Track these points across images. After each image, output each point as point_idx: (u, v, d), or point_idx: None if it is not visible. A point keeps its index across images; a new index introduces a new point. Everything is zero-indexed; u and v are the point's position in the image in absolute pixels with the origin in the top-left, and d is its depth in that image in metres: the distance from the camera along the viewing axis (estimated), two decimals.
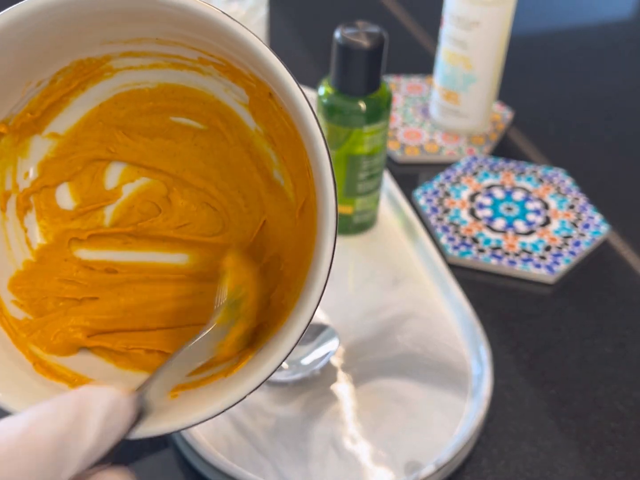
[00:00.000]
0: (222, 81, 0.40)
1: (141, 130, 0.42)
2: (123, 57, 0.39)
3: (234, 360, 0.38)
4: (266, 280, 0.40)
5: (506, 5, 0.63)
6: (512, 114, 0.75)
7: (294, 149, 0.39)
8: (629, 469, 0.47)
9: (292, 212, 0.40)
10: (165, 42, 0.38)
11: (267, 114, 0.39)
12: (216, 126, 0.41)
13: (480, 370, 0.50)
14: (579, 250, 0.60)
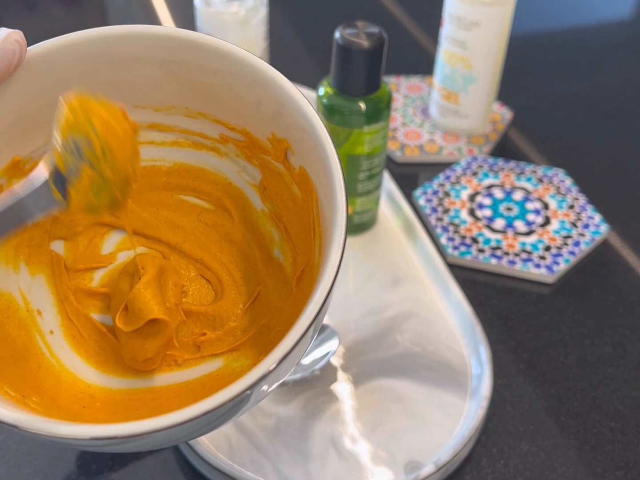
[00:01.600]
0: (237, 163, 0.41)
1: (149, 202, 0.42)
2: (149, 129, 0.40)
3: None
4: (252, 352, 0.40)
5: (506, 6, 0.63)
6: (511, 114, 0.75)
7: (300, 217, 0.39)
8: (629, 468, 0.47)
9: (288, 284, 0.40)
10: (192, 113, 0.38)
11: (276, 188, 0.40)
12: (224, 206, 0.42)
13: (480, 369, 0.50)
14: (579, 250, 0.60)
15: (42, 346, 0.39)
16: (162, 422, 0.28)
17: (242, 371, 0.39)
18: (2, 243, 0.37)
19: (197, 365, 0.40)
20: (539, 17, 0.93)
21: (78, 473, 0.46)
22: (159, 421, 0.28)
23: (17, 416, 0.29)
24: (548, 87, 0.81)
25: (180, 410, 0.28)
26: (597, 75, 0.83)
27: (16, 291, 0.39)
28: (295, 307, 0.39)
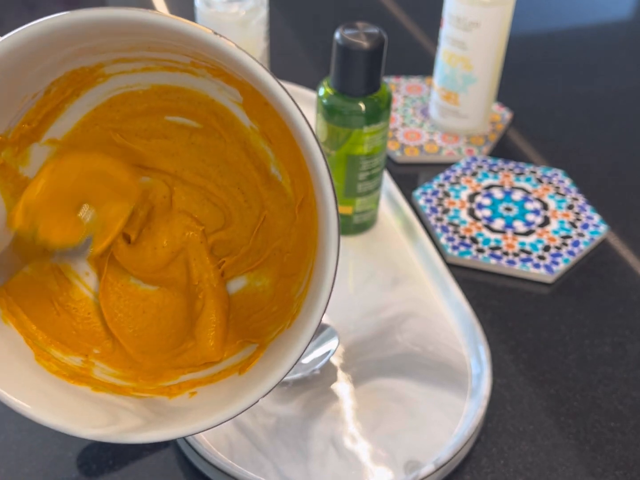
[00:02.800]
0: (215, 82, 0.40)
1: (138, 132, 0.42)
2: (115, 63, 0.39)
3: (246, 352, 0.39)
4: (270, 271, 0.42)
5: (505, 6, 0.63)
6: (511, 115, 0.75)
7: (290, 149, 0.39)
8: (628, 468, 0.47)
9: (292, 208, 0.41)
10: (156, 49, 0.38)
11: (262, 114, 0.40)
12: (212, 125, 0.41)
13: (480, 369, 0.50)
14: (578, 250, 0.60)
15: (84, 290, 0.42)
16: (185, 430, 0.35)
17: (264, 290, 0.42)
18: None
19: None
20: (539, 17, 0.93)
21: (78, 473, 0.46)
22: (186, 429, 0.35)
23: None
24: (548, 87, 0.81)
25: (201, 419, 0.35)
26: (597, 76, 0.83)
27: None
28: (301, 234, 0.40)
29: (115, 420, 0.36)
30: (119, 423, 0.36)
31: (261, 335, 0.40)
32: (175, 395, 0.39)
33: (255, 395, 0.35)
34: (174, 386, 0.40)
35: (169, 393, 0.39)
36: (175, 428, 0.35)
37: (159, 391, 0.39)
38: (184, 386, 0.40)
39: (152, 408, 0.38)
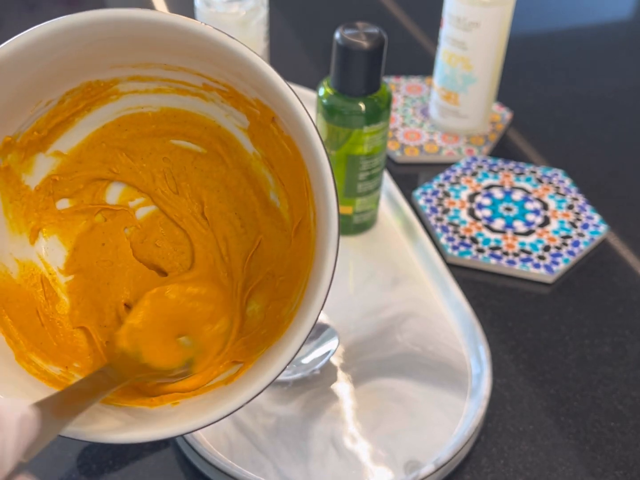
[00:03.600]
0: (223, 107, 0.41)
1: (143, 155, 0.42)
2: (130, 80, 0.40)
3: (233, 370, 0.39)
4: (261, 295, 0.42)
5: (505, 6, 0.63)
6: (511, 115, 0.75)
7: (292, 171, 0.40)
8: (628, 468, 0.47)
9: (288, 232, 0.41)
10: (172, 68, 0.39)
11: (266, 138, 0.40)
12: (216, 150, 0.42)
13: (480, 369, 0.50)
14: (578, 250, 0.60)
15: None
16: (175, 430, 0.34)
17: (253, 316, 0.42)
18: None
19: None
20: (539, 17, 0.93)
21: (78, 473, 0.46)
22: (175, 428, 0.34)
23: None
24: (547, 87, 0.81)
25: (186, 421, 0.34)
26: (596, 76, 0.83)
27: (36, 258, 0.41)
28: (295, 257, 0.40)
29: (93, 421, 0.35)
30: (96, 423, 0.35)
31: (249, 355, 0.40)
32: (156, 406, 0.39)
33: (242, 399, 0.34)
34: (156, 399, 0.39)
35: (150, 404, 0.39)
36: (156, 430, 0.35)
37: (139, 403, 0.39)
38: (166, 399, 0.39)
39: (132, 413, 0.38)
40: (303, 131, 0.34)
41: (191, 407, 0.37)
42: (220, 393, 0.37)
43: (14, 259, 0.40)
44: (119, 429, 0.35)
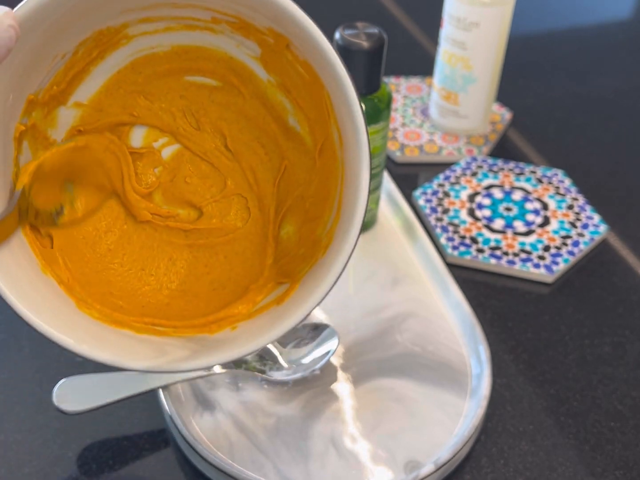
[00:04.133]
0: (234, 38, 0.41)
1: (160, 95, 0.43)
2: (139, 23, 0.40)
3: (280, 290, 0.41)
4: (293, 218, 0.43)
5: (505, 6, 0.63)
6: (511, 115, 0.75)
7: (311, 94, 0.40)
8: (628, 468, 0.47)
9: (311, 155, 0.42)
10: (180, 5, 0.39)
11: (280, 64, 0.41)
12: (231, 82, 0.43)
13: (480, 369, 0.50)
14: (578, 250, 0.60)
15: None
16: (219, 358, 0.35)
17: (289, 237, 0.43)
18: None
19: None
20: (539, 17, 0.93)
21: (78, 473, 0.46)
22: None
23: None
24: (547, 87, 0.81)
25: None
26: (596, 76, 0.83)
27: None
28: (322, 178, 0.41)
29: (163, 353, 0.37)
30: (166, 355, 0.37)
31: (292, 274, 0.41)
32: (216, 332, 0.40)
33: (299, 316, 0.35)
34: (214, 325, 0.40)
35: (210, 330, 0.40)
36: (223, 353, 0.36)
37: (199, 331, 0.40)
38: (224, 324, 0.40)
39: (196, 342, 0.39)
40: (322, 55, 0.35)
41: (250, 328, 0.39)
42: (275, 312, 0.39)
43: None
44: (189, 357, 0.36)
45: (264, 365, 0.49)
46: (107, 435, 0.48)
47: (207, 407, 0.48)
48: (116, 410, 0.48)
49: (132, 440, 0.47)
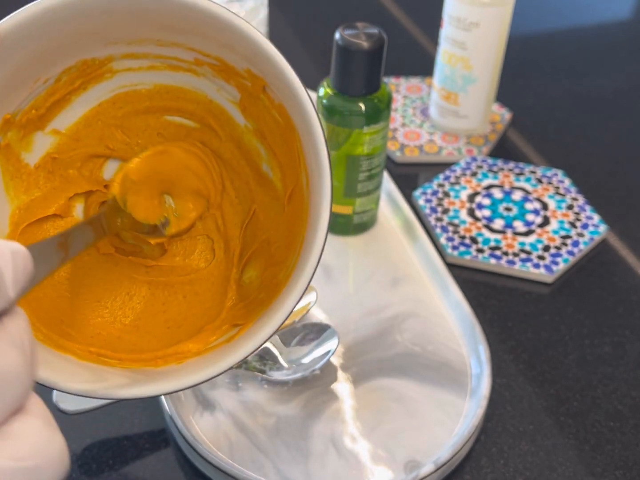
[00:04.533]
0: (215, 82, 0.42)
1: (138, 131, 0.43)
2: (124, 58, 0.41)
3: (233, 332, 0.40)
4: (257, 262, 0.43)
5: (505, 6, 0.64)
6: (511, 115, 0.75)
7: (284, 140, 0.40)
8: (628, 468, 0.47)
9: (281, 201, 0.42)
10: (165, 43, 0.39)
11: (257, 109, 0.41)
12: (209, 124, 0.43)
13: (480, 369, 0.50)
14: (578, 250, 0.60)
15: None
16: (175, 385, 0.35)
17: (251, 282, 0.43)
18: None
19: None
20: (539, 17, 0.93)
21: (78, 473, 0.46)
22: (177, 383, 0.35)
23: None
24: (547, 87, 0.81)
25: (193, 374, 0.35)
26: (596, 76, 0.83)
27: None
28: (289, 224, 0.41)
29: (101, 379, 0.36)
30: (105, 381, 0.36)
31: (248, 318, 0.41)
32: (161, 366, 0.39)
33: (244, 352, 0.35)
34: (160, 360, 0.40)
35: (155, 365, 0.40)
36: (164, 384, 0.35)
37: (145, 364, 0.40)
38: (171, 360, 0.40)
39: (139, 372, 0.39)
40: (293, 93, 0.35)
41: (195, 364, 0.38)
42: (222, 350, 0.38)
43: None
44: (126, 385, 0.36)
45: (264, 365, 0.49)
46: (107, 435, 0.48)
47: (207, 407, 0.48)
48: (116, 410, 0.48)
49: (132, 440, 0.47)
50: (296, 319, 0.51)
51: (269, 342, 0.50)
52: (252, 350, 0.35)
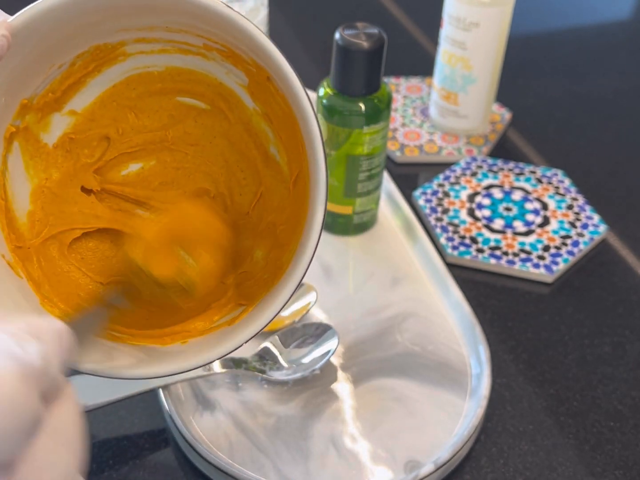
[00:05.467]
0: (224, 65, 0.43)
1: (150, 112, 0.45)
2: (136, 42, 0.42)
3: (236, 312, 0.42)
4: (263, 243, 0.44)
5: (505, 6, 0.63)
6: (511, 115, 0.75)
7: (290, 127, 0.41)
8: (628, 468, 0.47)
9: (287, 184, 0.43)
10: (174, 30, 0.41)
11: (265, 95, 0.42)
12: (218, 106, 0.44)
13: (480, 369, 0.50)
14: (578, 250, 0.60)
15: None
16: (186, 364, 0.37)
17: (256, 261, 0.44)
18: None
19: None
20: (539, 17, 0.93)
21: None
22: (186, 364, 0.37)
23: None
24: (547, 87, 0.81)
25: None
26: (596, 76, 0.83)
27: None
28: (294, 207, 0.42)
29: (109, 358, 0.38)
30: (112, 360, 0.38)
31: (252, 298, 0.42)
32: (167, 344, 0.41)
33: (243, 337, 0.37)
34: (168, 337, 0.42)
35: (162, 342, 0.41)
36: (167, 366, 0.37)
37: (153, 341, 0.41)
38: (177, 337, 0.42)
39: (145, 351, 0.40)
40: (292, 91, 0.36)
41: (198, 345, 0.40)
42: (224, 333, 0.40)
43: None
44: (132, 366, 0.38)
45: (264, 365, 0.49)
46: (107, 435, 0.48)
47: (207, 407, 0.48)
48: (116, 410, 0.48)
49: (132, 440, 0.47)
50: (296, 319, 0.51)
51: (269, 342, 0.50)
52: (250, 336, 0.37)
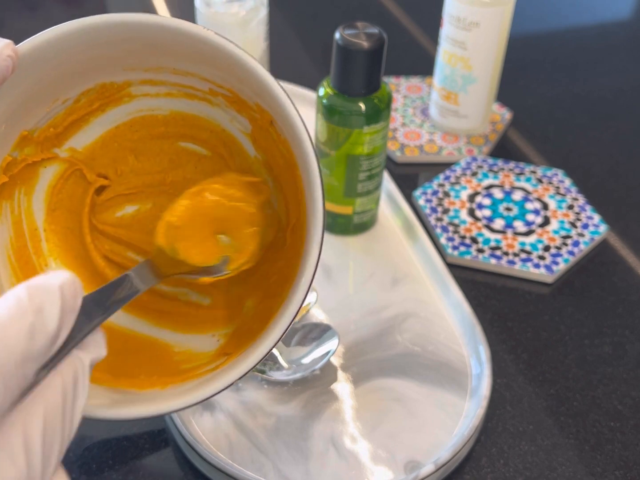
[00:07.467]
0: (228, 112, 0.42)
1: (150, 156, 0.44)
2: (142, 84, 0.42)
3: (220, 361, 0.41)
4: (255, 293, 0.43)
5: (505, 6, 0.63)
6: (511, 115, 0.75)
7: (289, 174, 0.41)
8: (628, 468, 0.47)
9: (283, 233, 0.43)
10: (180, 72, 0.40)
11: (266, 142, 0.42)
12: (220, 153, 0.44)
13: (480, 369, 0.50)
14: (578, 250, 0.60)
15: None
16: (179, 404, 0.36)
17: (247, 311, 0.44)
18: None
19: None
20: (539, 17, 0.93)
21: (78, 473, 0.46)
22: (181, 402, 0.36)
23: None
24: (547, 87, 0.81)
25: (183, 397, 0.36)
26: (596, 76, 0.83)
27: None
28: (289, 257, 0.42)
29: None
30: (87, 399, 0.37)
31: (238, 347, 0.41)
32: (145, 389, 0.40)
33: (218, 386, 0.36)
34: (146, 383, 0.40)
35: (140, 387, 0.40)
36: (143, 408, 0.36)
37: (128, 385, 0.40)
38: (156, 384, 0.40)
39: (122, 393, 0.39)
40: (294, 132, 0.35)
41: (177, 391, 0.39)
42: (204, 379, 0.39)
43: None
44: (107, 406, 0.36)
45: (264, 365, 0.49)
46: (107, 435, 0.48)
47: (207, 407, 0.48)
48: None
49: (132, 440, 0.47)
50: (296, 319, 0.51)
51: None
52: (230, 383, 0.36)
